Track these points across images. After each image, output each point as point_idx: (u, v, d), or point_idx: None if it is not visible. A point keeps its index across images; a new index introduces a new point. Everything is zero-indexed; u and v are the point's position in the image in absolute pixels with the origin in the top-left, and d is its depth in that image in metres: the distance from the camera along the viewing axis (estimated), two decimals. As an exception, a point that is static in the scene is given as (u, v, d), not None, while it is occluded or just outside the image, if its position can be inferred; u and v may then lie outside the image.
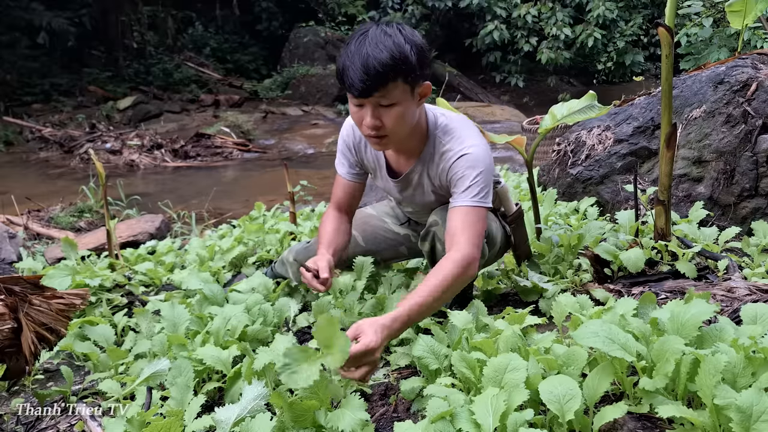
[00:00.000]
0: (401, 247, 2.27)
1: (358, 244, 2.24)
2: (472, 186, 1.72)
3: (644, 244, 2.24)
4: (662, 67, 2.11)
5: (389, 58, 1.55)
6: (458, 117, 1.89)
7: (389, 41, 1.57)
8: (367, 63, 1.55)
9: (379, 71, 1.55)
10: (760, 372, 1.16)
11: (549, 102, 3.05)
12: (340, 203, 2.06)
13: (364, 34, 1.60)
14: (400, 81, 1.60)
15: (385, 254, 2.28)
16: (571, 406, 1.17)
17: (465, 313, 1.70)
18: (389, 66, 1.56)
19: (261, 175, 8.81)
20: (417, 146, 1.84)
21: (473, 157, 1.74)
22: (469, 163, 1.74)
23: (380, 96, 1.60)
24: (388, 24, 1.64)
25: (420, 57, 1.62)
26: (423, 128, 1.82)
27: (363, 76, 1.56)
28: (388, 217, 2.29)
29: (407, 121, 1.69)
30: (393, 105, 1.63)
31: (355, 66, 1.57)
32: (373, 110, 1.64)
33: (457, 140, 1.78)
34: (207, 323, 1.95)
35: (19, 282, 1.69)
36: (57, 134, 11.09)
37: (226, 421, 1.31)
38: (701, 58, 5.85)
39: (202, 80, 15.70)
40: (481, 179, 1.73)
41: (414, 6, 15.86)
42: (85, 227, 5.53)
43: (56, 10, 13.59)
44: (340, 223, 2.04)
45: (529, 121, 6.20)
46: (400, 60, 1.57)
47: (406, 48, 1.58)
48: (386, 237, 2.26)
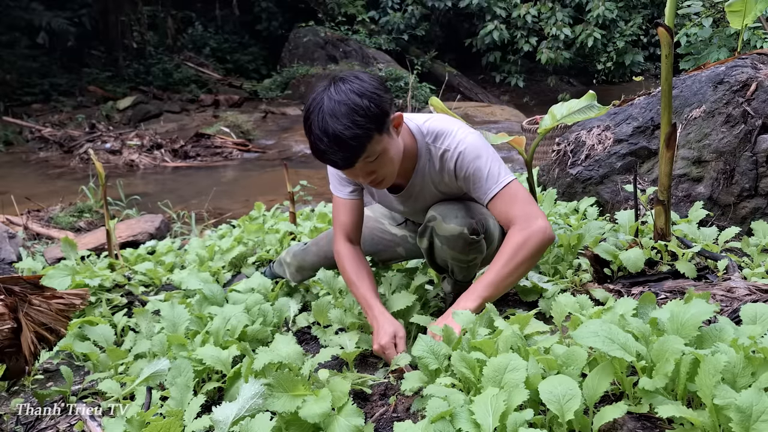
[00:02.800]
0: (398, 248, 2.27)
1: None
2: (488, 174, 1.73)
3: (644, 244, 2.24)
4: (662, 67, 2.11)
5: (355, 126, 1.54)
6: (439, 116, 1.89)
7: (346, 109, 1.55)
8: (338, 141, 1.55)
9: (353, 144, 1.56)
10: (759, 372, 1.16)
11: (549, 102, 3.05)
12: (347, 230, 1.97)
13: (320, 109, 1.57)
14: (374, 136, 1.59)
15: (382, 255, 2.28)
16: (571, 406, 1.17)
17: (467, 312, 1.70)
18: (359, 135, 1.55)
19: (261, 175, 8.81)
20: (410, 161, 1.84)
21: (471, 148, 1.75)
22: (471, 155, 1.74)
23: (364, 159, 1.61)
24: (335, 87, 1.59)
25: (380, 103, 1.59)
26: (412, 144, 1.82)
27: (341, 154, 1.58)
28: (385, 219, 2.29)
29: (396, 159, 1.71)
30: (379, 156, 1.64)
31: (330, 148, 1.57)
32: (362, 170, 1.66)
33: (449, 138, 1.79)
34: (207, 323, 1.95)
35: (18, 282, 1.69)
36: (57, 134, 11.09)
37: (225, 421, 1.31)
38: (701, 58, 5.85)
39: (201, 80, 15.70)
40: (490, 162, 1.74)
41: (414, 6, 15.86)
42: (85, 227, 5.53)
43: (56, 10, 13.60)
44: (360, 262, 1.94)
45: (529, 121, 6.20)
46: (365, 122, 1.56)
47: (363, 104, 1.56)
48: (383, 238, 2.26)
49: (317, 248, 2.27)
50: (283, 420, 1.32)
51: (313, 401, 1.31)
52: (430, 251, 1.94)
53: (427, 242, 1.91)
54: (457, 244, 1.77)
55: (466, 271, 1.97)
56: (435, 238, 1.87)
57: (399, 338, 1.73)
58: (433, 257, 1.94)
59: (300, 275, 2.35)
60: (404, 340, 1.74)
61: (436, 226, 1.85)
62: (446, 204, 1.85)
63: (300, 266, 2.32)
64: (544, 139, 5.34)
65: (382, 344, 1.70)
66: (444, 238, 1.82)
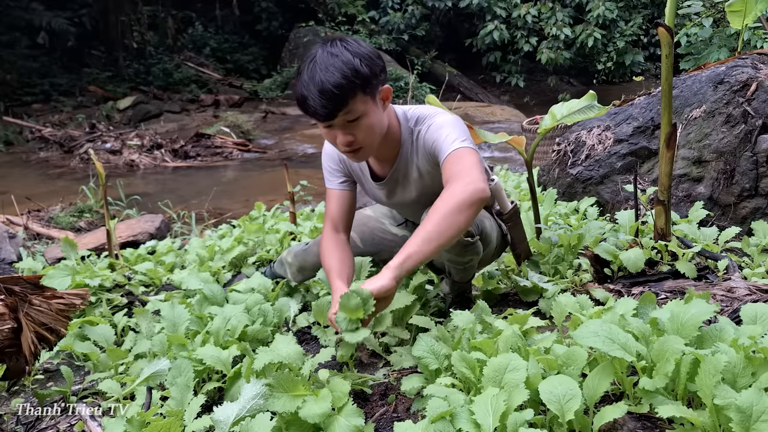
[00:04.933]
0: (397, 249, 2.26)
1: (357, 246, 2.24)
2: (446, 139, 1.72)
3: (644, 244, 2.24)
4: (662, 67, 2.11)
5: (341, 77, 1.59)
6: (425, 106, 1.93)
7: (337, 61, 1.60)
8: (322, 88, 1.59)
9: (336, 93, 1.59)
10: (760, 372, 1.17)
11: (549, 102, 3.06)
12: (335, 220, 2.00)
13: (313, 60, 1.64)
14: (359, 95, 1.63)
15: (383, 255, 2.28)
16: (571, 406, 1.17)
17: (467, 313, 1.70)
18: (344, 86, 1.59)
19: (261, 175, 8.81)
20: (394, 147, 1.87)
21: (438, 122, 1.78)
22: (437, 127, 1.77)
23: (344, 114, 1.64)
24: (332, 43, 1.66)
25: (371, 65, 1.64)
26: (395, 128, 1.85)
27: (322, 102, 1.61)
28: (386, 219, 2.30)
29: (377, 128, 1.72)
30: (359, 118, 1.66)
31: (313, 94, 1.61)
32: (342, 128, 1.68)
33: (426, 120, 1.83)
34: (207, 323, 1.95)
35: (19, 282, 1.69)
36: (57, 134, 11.09)
37: (225, 421, 1.31)
38: (701, 58, 5.86)
39: (202, 80, 15.70)
40: (451, 130, 1.73)
41: (414, 6, 15.87)
42: (85, 227, 5.53)
43: (56, 10, 13.60)
44: (342, 250, 1.95)
45: (529, 121, 6.20)
46: (353, 76, 1.60)
47: (355, 62, 1.61)
48: (384, 238, 2.27)
49: (318, 248, 2.27)
50: (283, 420, 1.32)
51: (313, 401, 1.31)
52: None
53: None
54: (453, 246, 1.77)
55: (463, 273, 1.97)
56: None
57: None
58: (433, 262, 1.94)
59: (301, 275, 2.35)
60: None
61: None
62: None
63: (301, 266, 2.32)
64: (545, 139, 5.35)
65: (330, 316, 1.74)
66: None
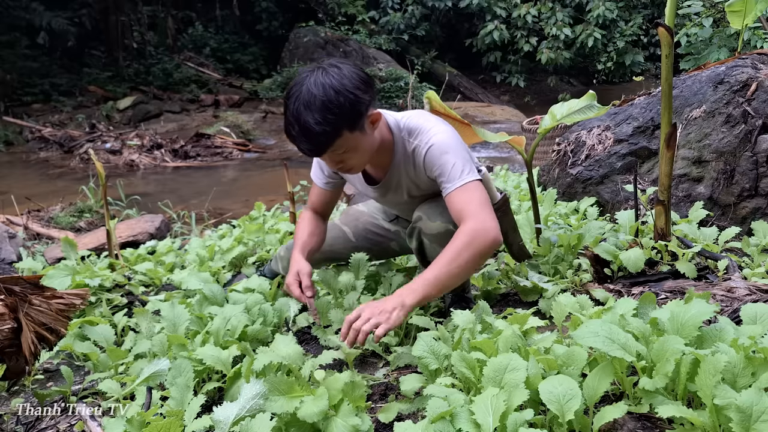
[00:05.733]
0: (392, 243, 2.29)
1: (349, 240, 2.25)
2: (453, 169, 1.74)
3: (644, 244, 2.24)
4: (662, 67, 2.11)
5: (324, 122, 1.58)
6: (417, 112, 1.92)
7: (321, 100, 1.57)
8: (307, 131, 1.59)
9: (321, 139, 1.60)
10: (760, 372, 1.16)
11: (549, 102, 3.06)
12: (315, 207, 2.13)
13: (298, 94, 1.60)
14: (345, 133, 1.63)
15: (375, 250, 2.29)
16: (571, 406, 1.17)
17: (467, 312, 1.70)
18: (327, 131, 1.59)
19: (261, 175, 8.81)
20: (388, 155, 1.87)
21: (440, 144, 1.77)
22: (439, 150, 1.76)
23: (331, 152, 1.66)
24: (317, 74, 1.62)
25: (357, 100, 1.62)
26: (388, 138, 1.84)
27: (308, 145, 1.63)
28: (378, 213, 2.31)
29: (367, 152, 1.74)
30: (347, 150, 1.68)
31: (298, 134, 1.62)
32: (331, 159, 1.72)
33: (421, 134, 1.81)
34: (207, 323, 1.95)
35: (19, 282, 1.69)
36: (57, 134, 11.09)
37: (225, 421, 1.31)
38: (701, 58, 5.86)
39: (202, 80, 15.69)
40: (457, 159, 1.74)
41: (414, 6, 15.87)
42: (85, 227, 5.53)
43: (56, 10, 13.59)
44: (315, 225, 2.10)
45: (529, 121, 6.20)
46: (337, 118, 1.59)
47: (339, 100, 1.58)
48: (376, 233, 2.27)
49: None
50: (283, 421, 1.32)
51: (311, 401, 1.31)
52: (421, 251, 1.95)
53: (417, 242, 1.94)
54: (445, 240, 1.77)
55: None
56: (423, 238, 1.89)
57: (303, 275, 1.90)
58: (425, 256, 1.95)
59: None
60: (308, 276, 1.90)
61: (422, 225, 1.87)
62: (430, 203, 1.88)
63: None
64: (545, 139, 5.35)
65: (287, 282, 1.91)
66: (432, 236, 1.85)
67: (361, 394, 1.40)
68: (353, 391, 1.39)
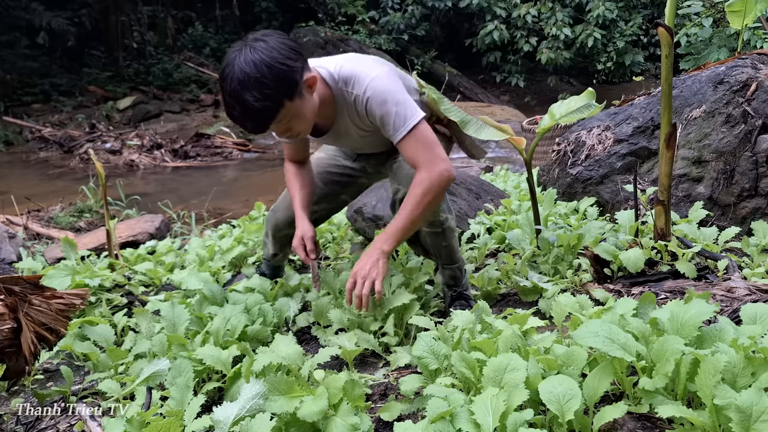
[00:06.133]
0: (360, 179, 2.31)
1: (319, 188, 2.27)
2: (395, 119, 1.79)
3: (644, 244, 2.24)
4: (662, 67, 2.11)
5: (263, 97, 1.60)
6: (347, 57, 1.93)
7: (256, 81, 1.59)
8: (249, 110, 1.62)
9: (264, 115, 1.64)
10: (759, 372, 1.16)
11: (549, 102, 3.06)
12: (291, 155, 2.19)
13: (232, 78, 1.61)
14: (285, 103, 1.66)
15: (348, 190, 2.32)
16: (571, 406, 1.17)
17: (467, 312, 1.70)
18: (270, 107, 1.63)
19: (261, 175, 8.81)
20: (330, 108, 1.90)
21: (377, 93, 1.80)
22: (377, 101, 1.79)
23: (277, 123, 1.70)
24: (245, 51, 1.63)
25: (290, 73, 1.64)
26: (327, 93, 1.86)
27: (253, 122, 1.66)
28: (338, 153, 2.32)
29: (310, 115, 1.78)
30: (291, 118, 1.71)
31: (241, 114, 1.64)
32: (278, 129, 1.75)
33: (357, 83, 1.83)
34: (207, 323, 1.95)
35: (18, 282, 1.69)
36: (57, 134, 11.09)
37: (225, 421, 1.31)
38: (701, 58, 5.86)
39: (202, 80, 15.68)
40: (397, 107, 1.79)
41: (414, 6, 15.86)
42: (85, 227, 5.53)
43: (56, 10, 13.59)
44: (302, 175, 2.17)
45: (529, 121, 6.20)
46: (276, 92, 1.62)
47: (273, 75, 1.61)
48: (341, 173, 2.30)
49: (285, 203, 2.32)
50: (283, 421, 1.32)
51: (311, 401, 1.31)
52: None
53: None
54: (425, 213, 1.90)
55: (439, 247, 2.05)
56: None
57: (307, 239, 2.03)
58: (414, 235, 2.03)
59: (277, 240, 2.39)
60: (312, 239, 2.03)
61: (402, 196, 1.94)
62: (405, 172, 1.95)
63: (275, 226, 2.35)
64: (545, 139, 5.35)
65: (294, 245, 2.05)
66: None
67: (360, 393, 1.40)
68: (353, 391, 1.39)
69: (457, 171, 3.94)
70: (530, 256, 2.46)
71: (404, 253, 2.66)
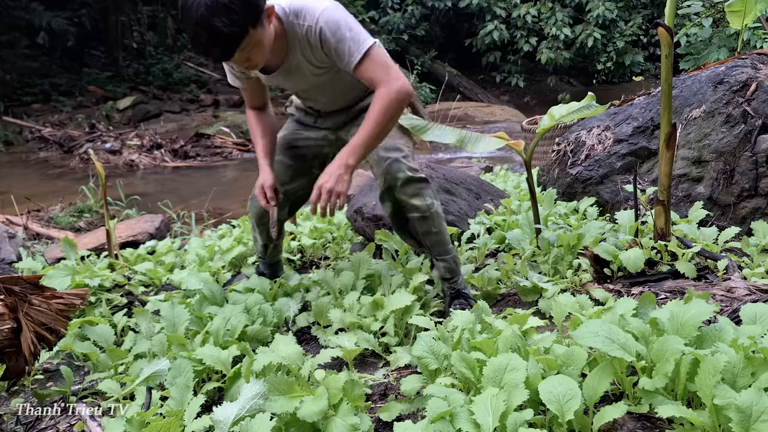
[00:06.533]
0: (324, 149, 2.33)
1: (288, 165, 2.29)
2: (350, 45, 1.84)
3: (644, 244, 2.24)
4: (662, 67, 2.11)
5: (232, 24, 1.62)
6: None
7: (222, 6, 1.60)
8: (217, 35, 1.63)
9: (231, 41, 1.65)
10: (759, 372, 1.17)
11: (549, 102, 3.06)
12: (252, 102, 2.24)
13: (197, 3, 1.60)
14: (250, 31, 1.68)
15: (314, 163, 2.33)
16: (571, 406, 1.17)
17: (467, 312, 1.70)
18: (237, 33, 1.65)
19: (261, 175, 8.79)
20: (281, 42, 1.91)
21: (330, 22, 1.84)
22: (331, 28, 1.84)
23: (240, 50, 1.71)
24: None
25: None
26: (278, 25, 1.88)
27: (220, 48, 1.67)
28: (300, 128, 2.35)
29: (267, 45, 1.80)
30: (254, 46, 1.73)
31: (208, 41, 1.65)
32: (239, 59, 1.76)
33: (308, 14, 1.86)
34: (207, 323, 1.95)
35: (18, 282, 1.69)
36: (57, 134, 11.09)
37: (225, 421, 1.31)
38: (701, 58, 5.86)
39: (201, 80, 15.69)
40: (350, 31, 1.84)
41: (414, 6, 15.86)
42: (85, 227, 5.53)
43: (56, 10, 13.59)
44: (263, 122, 2.23)
45: (529, 121, 6.20)
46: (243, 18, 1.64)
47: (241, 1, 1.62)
48: (305, 146, 2.32)
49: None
50: (283, 421, 1.32)
51: (311, 401, 1.31)
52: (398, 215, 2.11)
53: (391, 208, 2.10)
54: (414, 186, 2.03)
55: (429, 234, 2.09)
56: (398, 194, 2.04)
57: (267, 187, 2.10)
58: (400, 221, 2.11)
59: (263, 229, 2.39)
60: (271, 188, 2.10)
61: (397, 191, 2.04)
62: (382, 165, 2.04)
63: (257, 214, 2.35)
64: (544, 139, 5.35)
65: (255, 193, 2.12)
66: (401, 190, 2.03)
67: (360, 393, 1.40)
68: (353, 391, 1.39)
69: (457, 171, 3.95)
70: (530, 256, 2.46)
71: (404, 253, 2.66)
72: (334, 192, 1.86)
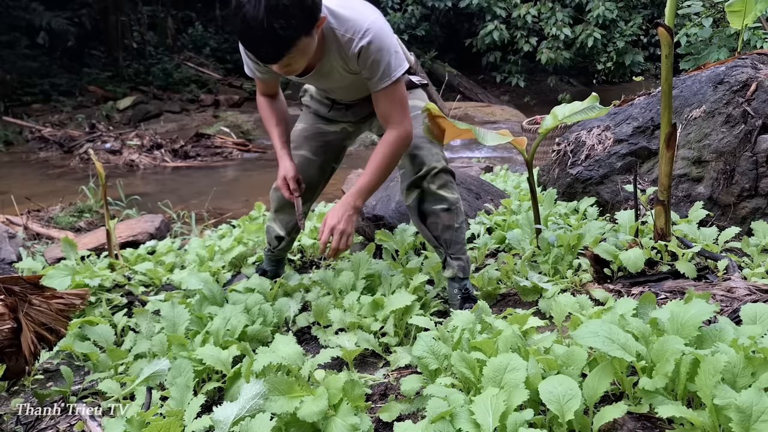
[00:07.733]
0: (345, 141, 2.36)
1: (311, 160, 2.29)
2: (386, 67, 1.85)
3: (644, 244, 2.24)
4: (662, 67, 2.11)
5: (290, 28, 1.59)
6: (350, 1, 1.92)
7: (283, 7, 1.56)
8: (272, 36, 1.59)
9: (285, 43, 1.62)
10: (759, 372, 1.17)
11: (549, 102, 3.06)
12: (264, 90, 2.22)
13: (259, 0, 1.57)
14: (303, 38, 1.66)
15: (336, 155, 2.36)
16: (571, 406, 1.17)
17: (467, 312, 1.70)
18: (291, 36, 1.61)
19: (261, 175, 8.80)
20: (320, 47, 1.88)
21: (375, 39, 1.82)
22: (375, 47, 1.82)
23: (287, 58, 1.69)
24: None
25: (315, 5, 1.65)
26: (320, 32, 1.85)
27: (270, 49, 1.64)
28: (317, 120, 2.33)
29: (311, 54, 1.78)
30: (299, 53, 1.71)
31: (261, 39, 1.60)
32: (282, 63, 1.73)
33: (351, 27, 1.83)
34: (207, 323, 1.95)
35: (18, 282, 1.69)
36: (57, 134, 11.09)
37: (225, 421, 1.31)
38: (701, 58, 5.85)
39: (201, 80, 15.70)
40: (388, 56, 1.86)
41: (414, 6, 15.86)
42: (85, 227, 5.53)
43: (56, 10, 13.60)
44: (277, 110, 2.22)
45: (529, 121, 6.21)
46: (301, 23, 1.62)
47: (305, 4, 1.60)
48: (329, 140, 2.32)
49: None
50: (283, 421, 1.32)
51: (311, 401, 1.31)
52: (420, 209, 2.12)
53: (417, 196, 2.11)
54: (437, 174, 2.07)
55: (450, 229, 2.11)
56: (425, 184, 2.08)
57: (289, 178, 2.12)
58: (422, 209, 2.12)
59: (281, 220, 2.41)
60: (294, 179, 2.12)
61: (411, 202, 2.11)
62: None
63: (279, 206, 2.37)
64: (545, 139, 5.34)
65: (278, 185, 2.15)
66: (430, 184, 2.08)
67: (360, 393, 1.40)
68: (353, 391, 1.39)
69: (457, 171, 3.94)
70: (530, 256, 2.46)
71: (404, 253, 2.66)
72: (345, 233, 1.91)
